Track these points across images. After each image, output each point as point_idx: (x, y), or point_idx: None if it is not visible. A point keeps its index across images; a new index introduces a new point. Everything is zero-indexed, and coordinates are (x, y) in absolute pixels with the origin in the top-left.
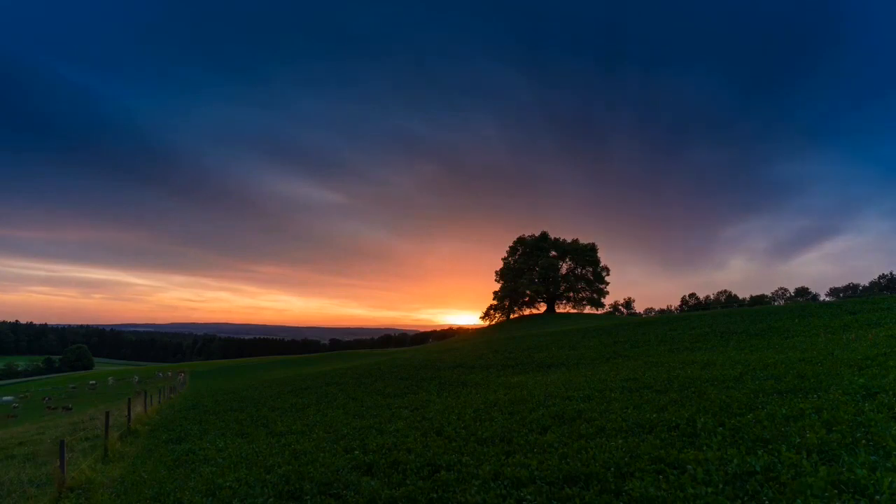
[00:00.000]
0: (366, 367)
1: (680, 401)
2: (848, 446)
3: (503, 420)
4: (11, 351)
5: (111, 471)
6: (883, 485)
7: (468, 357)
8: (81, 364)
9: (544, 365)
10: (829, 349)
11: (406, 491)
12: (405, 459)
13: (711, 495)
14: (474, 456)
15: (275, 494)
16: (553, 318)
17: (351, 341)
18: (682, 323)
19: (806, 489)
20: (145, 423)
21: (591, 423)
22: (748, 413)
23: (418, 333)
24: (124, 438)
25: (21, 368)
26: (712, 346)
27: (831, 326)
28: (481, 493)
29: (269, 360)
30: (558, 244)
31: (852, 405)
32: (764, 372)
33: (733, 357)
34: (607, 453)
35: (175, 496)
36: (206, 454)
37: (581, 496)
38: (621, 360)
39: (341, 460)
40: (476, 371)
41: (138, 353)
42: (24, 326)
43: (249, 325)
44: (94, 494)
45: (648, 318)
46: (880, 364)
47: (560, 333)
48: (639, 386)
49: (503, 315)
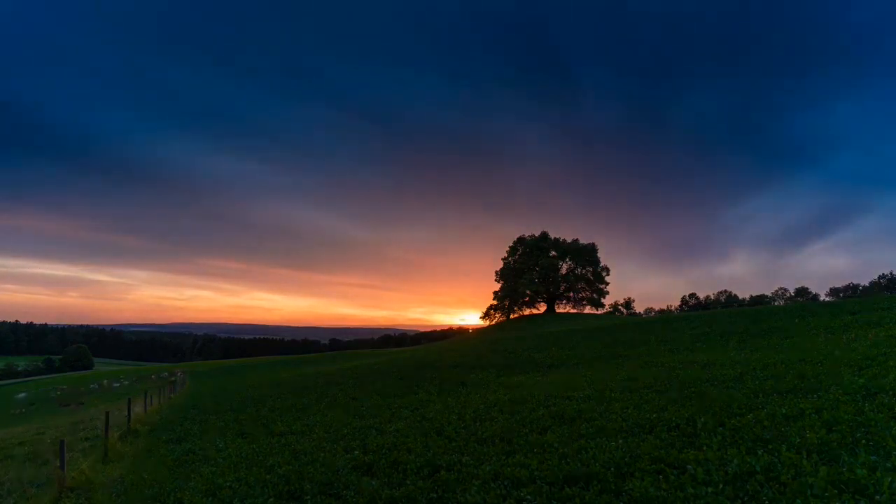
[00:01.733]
0: (366, 367)
1: (680, 401)
2: (848, 446)
3: (503, 420)
4: (11, 351)
5: (111, 471)
6: (883, 485)
7: (468, 357)
8: (81, 364)
9: (544, 365)
10: (830, 349)
11: (406, 491)
12: (405, 459)
13: (711, 495)
14: (474, 456)
15: (275, 494)
16: (553, 318)
17: (351, 341)
18: (682, 323)
19: (806, 489)
20: (145, 423)
21: (591, 423)
22: (748, 413)
23: (418, 333)
24: (124, 438)
25: (21, 368)
26: (712, 346)
27: (831, 326)
28: (481, 493)
29: (270, 360)
30: (558, 244)
31: (852, 405)
32: (764, 372)
33: (733, 357)
34: (607, 453)
35: (175, 496)
36: (206, 454)
37: (581, 496)
38: (621, 360)
39: (341, 460)
40: (476, 371)
41: (138, 353)
42: (24, 326)
43: (249, 325)
44: (95, 494)
45: (648, 318)
46: (880, 364)
47: (560, 333)
48: (639, 386)
49: (503, 315)
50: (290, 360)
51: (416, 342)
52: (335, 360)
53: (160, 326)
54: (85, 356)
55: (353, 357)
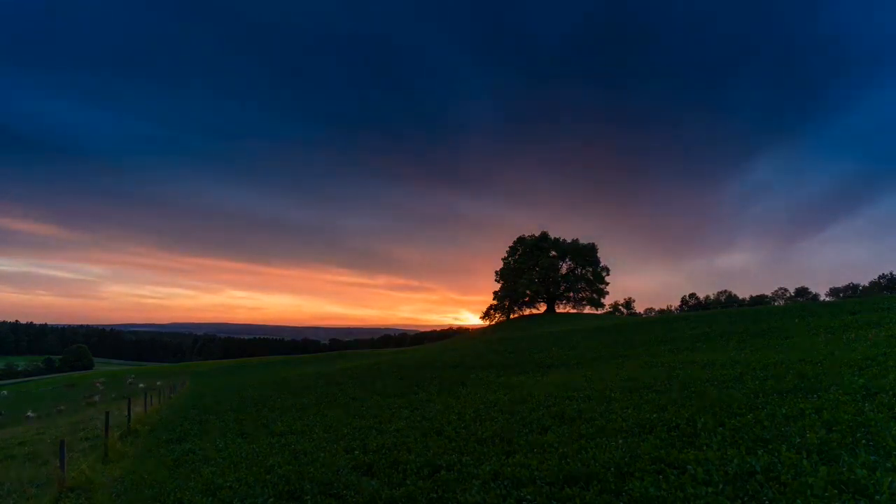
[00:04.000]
0: (366, 367)
1: (680, 401)
2: (848, 446)
3: (503, 420)
4: (11, 351)
5: (111, 471)
6: (883, 485)
7: (468, 357)
8: (81, 364)
9: (544, 365)
10: (829, 349)
11: (406, 491)
12: (405, 459)
13: (711, 495)
14: (474, 456)
15: (275, 494)
16: (553, 318)
17: (350, 341)
18: (682, 323)
19: (806, 489)
20: (145, 423)
21: (591, 423)
22: (748, 413)
23: (418, 333)
24: (124, 438)
25: (21, 368)
26: (712, 346)
27: (831, 326)
28: (481, 493)
29: (270, 360)
30: (558, 244)
31: (852, 405)
32: (764, 372)
33: (733, 357)
34: (607, 453)
35: (175, 496)
36: (206, 454)
37: (581, 496)
38: (621, 360)
39: (341, 460)
40: (476, 371)
41: (138, 353)
42: (24, 326)
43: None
44: (95, 494)
45: (648, 318)
46: (880, 364)
47: (560, 333)
48: (639, 386)
49: (503, 315)
50: (290, 360)
51: (416, 342)
52: (335, 360)
53: (160, 326)
54: (85, 356)
55: (354, 357)
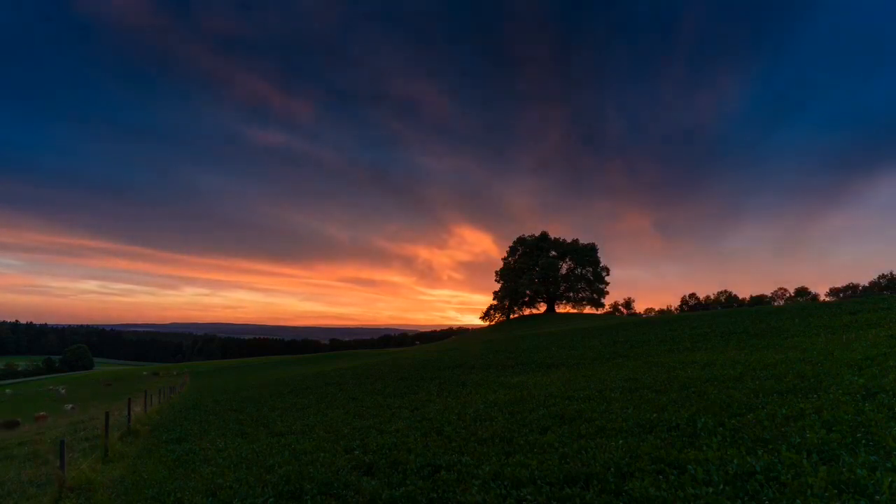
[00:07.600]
0: (366, 367)
1: (680, 401)
2: (848, 446)
3: (503, 420)
4: (11, 351)
5: (111, 471)
6: (883, 485)
7: (468, 357)
8: (81, 364)
9: (544, 365)
10: (829, 349)
11: (406, 491)
12: (405, 459)
13: (711, 495)
14: (474, 456)
15: (275, 494)
16: (553, 318)
17: (351, 341)
18: (681, 323)
19: (806, 489)
20: (145, 423)
21: (591, 423)
22: (748, 413)
23: (418, 333)
24: (124, 438)
25: (21, 368)
26: (712, 346)
27: (831, 326)
28: (481, 493)
29: (269, 360)
30: (558, 244)
31: (852, 405)
32: (764, 372)
33: (733, 357)
34: (607, 453)
35: (175, 496)
36: (206, 454)
37: (581, 496)
38: (621, 360)
39: (341, 460)
40: (476, 371)
41: (138, 353)
42: (24, 326)
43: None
44: (95, 494)
45: (648, 318)
46: (880, 364)
47: (560, 333)
48: (639, 386)
49: (503, 315)
50: (290, 360)
51: (416, 342)
52: (335, 360)
53: (160, 326)
54: (85, 356)
55: (354, 357)
